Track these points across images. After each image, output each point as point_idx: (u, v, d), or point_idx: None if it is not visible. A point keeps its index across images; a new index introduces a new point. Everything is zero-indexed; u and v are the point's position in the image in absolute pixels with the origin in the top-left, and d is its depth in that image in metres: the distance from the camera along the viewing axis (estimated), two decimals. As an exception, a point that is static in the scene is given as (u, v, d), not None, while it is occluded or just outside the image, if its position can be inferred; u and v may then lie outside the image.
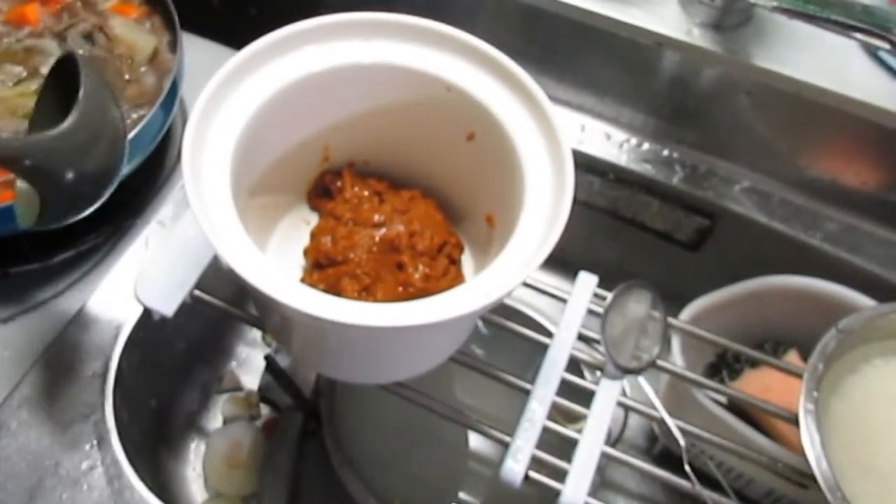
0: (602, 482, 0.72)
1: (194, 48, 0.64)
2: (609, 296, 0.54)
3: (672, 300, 0.59)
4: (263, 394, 0.73)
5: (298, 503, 0.67)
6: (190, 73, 0.63)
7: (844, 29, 0.56)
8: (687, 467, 0.49)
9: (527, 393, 0.50)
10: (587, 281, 0.56)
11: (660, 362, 0.53)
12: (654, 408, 0.52)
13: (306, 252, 0.49)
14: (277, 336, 0.54)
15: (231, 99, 0.43)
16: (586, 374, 0.62)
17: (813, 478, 0.45)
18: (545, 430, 0.49)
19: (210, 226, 0.38)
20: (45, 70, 0.59)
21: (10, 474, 0.52)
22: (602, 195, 0.75)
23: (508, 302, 0.64)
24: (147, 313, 0.49)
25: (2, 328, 0.58)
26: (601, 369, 0.52)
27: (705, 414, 0.60)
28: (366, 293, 0.46)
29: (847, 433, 0.49)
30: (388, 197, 0.50)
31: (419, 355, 0.48)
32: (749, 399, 0.53)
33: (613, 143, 0.74)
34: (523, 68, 0.45)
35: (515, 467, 0.47)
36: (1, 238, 0.54)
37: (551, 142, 0.43)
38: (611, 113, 0.76)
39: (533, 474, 0.47)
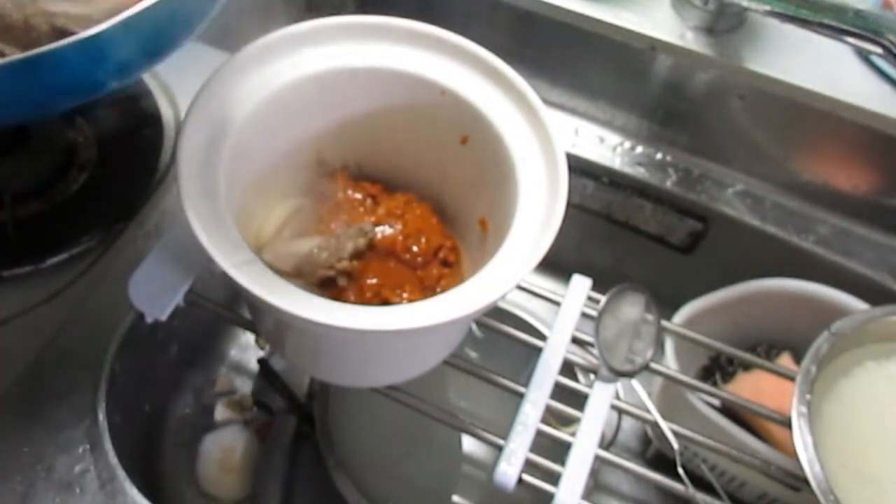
0: (595, 485, 0.72)
1: (188, 50, 0.64)
2: (602, 299, 0.54)
3: (665, 303, 0.59)
4: (257, 397, 0.73)
5: (292, 507, 0.67)
6: (184, 75, 0.62)
7: (836, 33, 0.56)
8: (680, 470, 0.49)
9: (520, 396, 0.50)
10: (581, 284, 0.56)
11: (653, 365, 0.53)
12: (647, 411, 0.52)
13: (300, 255, 0.49)
14: (271, 340, 0.54)
15: (225, 101, 0.43)
16: (580, 377, 0.62)
17: (805, 480, 0.45)
18: (539, 433, 0.49)
19: (203, 229, 0.38)
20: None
21: (2, 478, 0.51)
22: (595, 198, 0.76)
23: (502, 305, 0.64)
24: (140, 316, 0.49)
25: (-6, 331, 0.58)
26: (595, 372, 0.52)
27: (699, 417, 0.60)
28: (360, 297, 0.46)
29: (839, 436, 0.50)
30: (383, 200, 0.50)
31: (413, 359, 0.48)
32: (742, 402, 0.54)
33: (607, 147, 0.75)
34: (517, 71, 0.45)
35: (509, 470, 0.47)
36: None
37: (545, 145, 0.43)
38: (604, 116, 0.76)
39: (526, 477, 0.47)
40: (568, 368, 0.53)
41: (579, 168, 0.74)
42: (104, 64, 0.42)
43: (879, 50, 0.54)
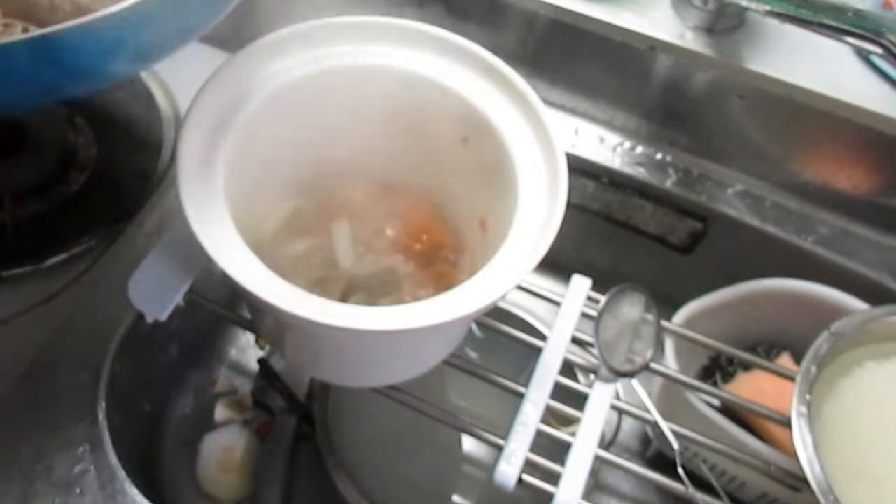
0: (595, 485, 0.72)
1: (188, 50, 0.64)
2: (602, 299, 0.54)
3: (665, 303, 0.59)
4: (257, 397, 0.73)
5: (292, 507, 0.67)
6: (184, 75, 0.62)
7: (836, 33, 0.56)
8: (680, 470, 0.49)
9: (520, 396, 0.50)
10: (581, 284, 0.56)
11: (653, 365, 0.53)
12: (647, 411, 0.52)
13: (300, 255, 0.49)
14: (271, 340, 0.54)
15: (225, 101, 0.43)
16: (580, 377, 0.62)
17: (805, 481, 0.45)
18: (539, 433, 0.49)
19: (203, 229, 0.38)
20: None
21: (3, 478, 0.51)
22: (595, 198, 0.76)
23: (502, 305, 0.64)
24: (140, 316, 0.49)
25: (-6, 331, 0.58)
26: (595, 372, 0.52)
27: (699, 417, 0.60)
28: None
29: (839, 436, 0.50)
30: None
31: (413, 359, 0.48)
32: (742, 402, 0.54)
33: (607, 147, 0.75)
34: (517, 71, 0.45)
35: (509, 470, 0.47)
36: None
37: (545, 145, 0.43)
38: (604, 116, 0.76)
39: (526, 477, 0.47)
40: (568, 368, 0.53)
41: (579, 168, 0.74)
42: (125, 45, 0.40)
43: (879, 50, 0.54)
